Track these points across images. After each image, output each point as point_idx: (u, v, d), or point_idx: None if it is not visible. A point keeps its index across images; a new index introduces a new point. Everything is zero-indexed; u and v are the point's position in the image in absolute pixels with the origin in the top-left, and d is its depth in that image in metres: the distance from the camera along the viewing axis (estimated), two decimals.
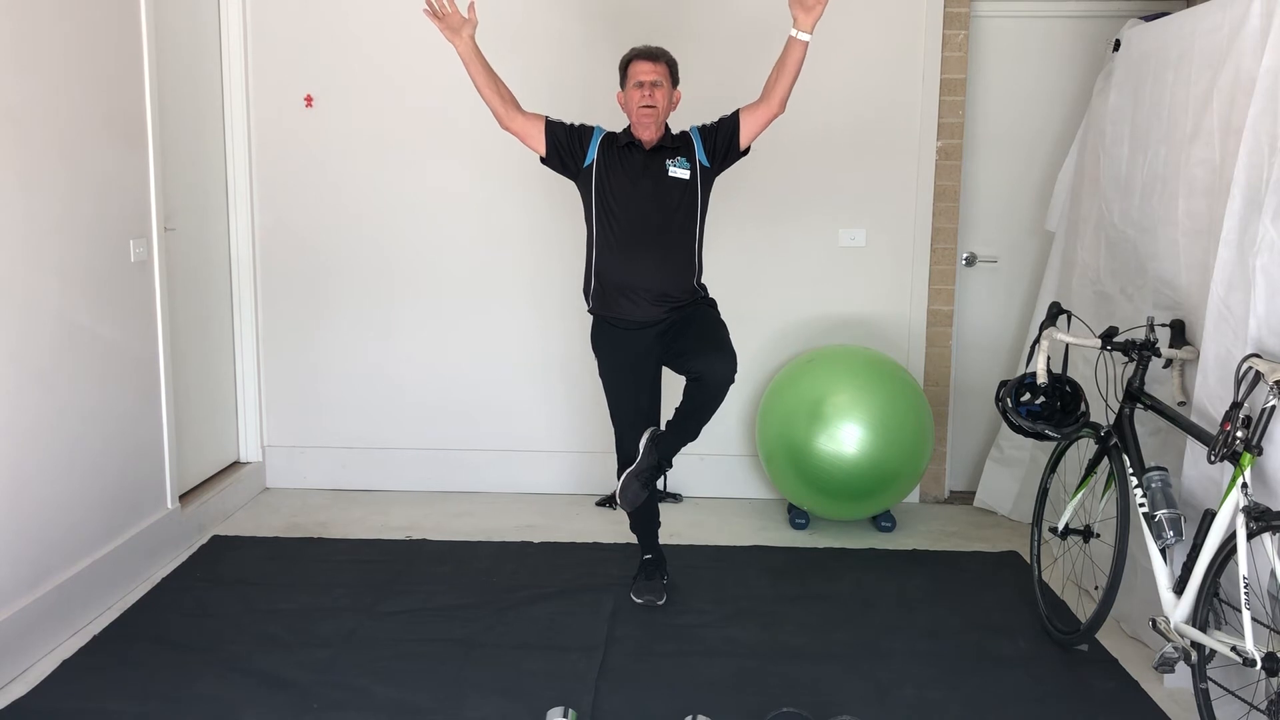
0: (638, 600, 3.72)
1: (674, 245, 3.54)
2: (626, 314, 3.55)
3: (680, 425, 3.50)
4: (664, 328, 3.56)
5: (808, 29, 3.44)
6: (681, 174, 3.53)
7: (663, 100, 3.50)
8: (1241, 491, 2.69)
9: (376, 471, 5.02)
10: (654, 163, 3.53)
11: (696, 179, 3.56)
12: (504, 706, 3.01)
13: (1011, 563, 4.18)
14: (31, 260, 3.30)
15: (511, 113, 3.57)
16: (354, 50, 4.76)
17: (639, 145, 3.54)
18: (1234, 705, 2.79)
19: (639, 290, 3.52)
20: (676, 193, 3.53)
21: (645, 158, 3.54)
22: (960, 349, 4.99)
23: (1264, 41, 2.93)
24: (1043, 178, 4.82)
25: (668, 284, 3.53)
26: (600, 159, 3.55)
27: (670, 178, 3.52)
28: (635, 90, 3.49)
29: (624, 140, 3.57)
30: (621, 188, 3.52)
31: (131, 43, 3.84)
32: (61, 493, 3.46)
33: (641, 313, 3.53)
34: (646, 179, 3.52)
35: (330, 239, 4.89)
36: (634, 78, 3.51)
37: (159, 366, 4.04)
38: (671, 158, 3.54)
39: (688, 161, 3.55)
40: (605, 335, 3.63)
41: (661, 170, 3.52)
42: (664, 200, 3.52)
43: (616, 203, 3.53)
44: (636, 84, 3.49)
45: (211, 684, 3.12)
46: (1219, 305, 3.03)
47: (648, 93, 3.47)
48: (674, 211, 3.53)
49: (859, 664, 3.30)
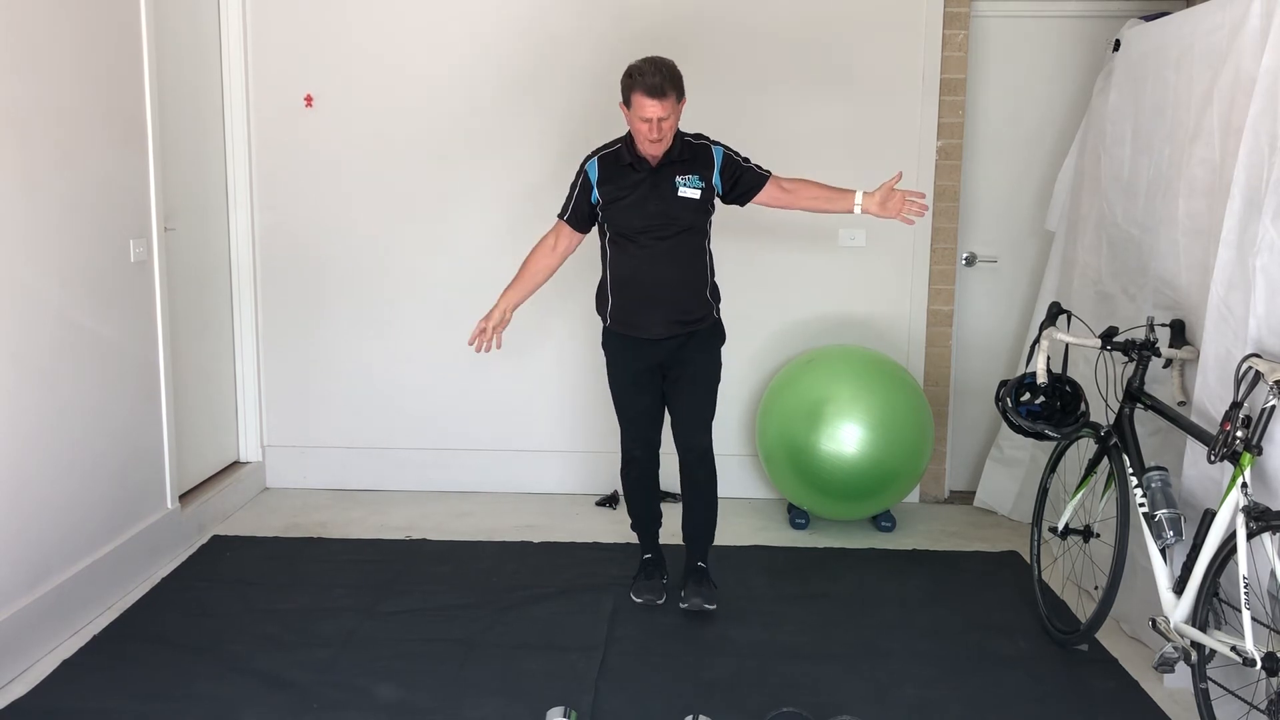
0: (637, 600, 3.72)
1: (684, 261, 3.52)
2: (643, 330, 3.55)
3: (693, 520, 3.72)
4: (676, 345, 3.56)
5: (864, 211, 3.53)
6: (692, 194, 3.46)
7: (670, 130, 3.41)
8: (1241, 491, 2.69)
9: (376, 471, 5.02)
10: (662, 180, 3.46)
11: (709, 198, 3.51)
12: (504, 706, 3.01)
13: (1011, 563, 4.18)
14: (31, 260, 3.30)
15: (560, 255, 3.61)
16: (354, 50, 4.76)
17: (645, 163, 3.47)
18: (1234, 705, 2.79)
19: (654, 307, 3.51)
20: (688, 213, 3.48)
21: (652, 176, 3.46)
22: (960, 349, 4.99)
23: (1264, 41, 2.93)
24: (1043, 178, 4.82)
25: (681, 299, 3.53)
26: (603, 189, 3.49)
27: (680, 197, 3.46)
28: (642, 124, 3.37)
29: (628, 158, 3.48)
30: (628, 208, 3.47)
31: (131, 43, 3.84)
32: (61, 492, 3.46)
33: (657, 329, 3.53)
34: (654, 199, 3.46)
35: (330, 239, 4.89)
36: (639, 112, 3.37)
37: (159, 366, 4.04)
38: (683, 173, 3.47)
39: (701, 180, 3.48)
40: (617, 342, 3.63)
41: (670, 189, 3.45)
42: (674, 219, 3.47)
43: (625, 223, 3.48)
44: (644, 119, 3.36)
45: (211, 684, 3.12)
46: (1219, 305, 3.03)
47: (655, 129, 3.37)
48: (685, 229, 3.49)
49: (859, 664, 3.30)
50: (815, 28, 4.69)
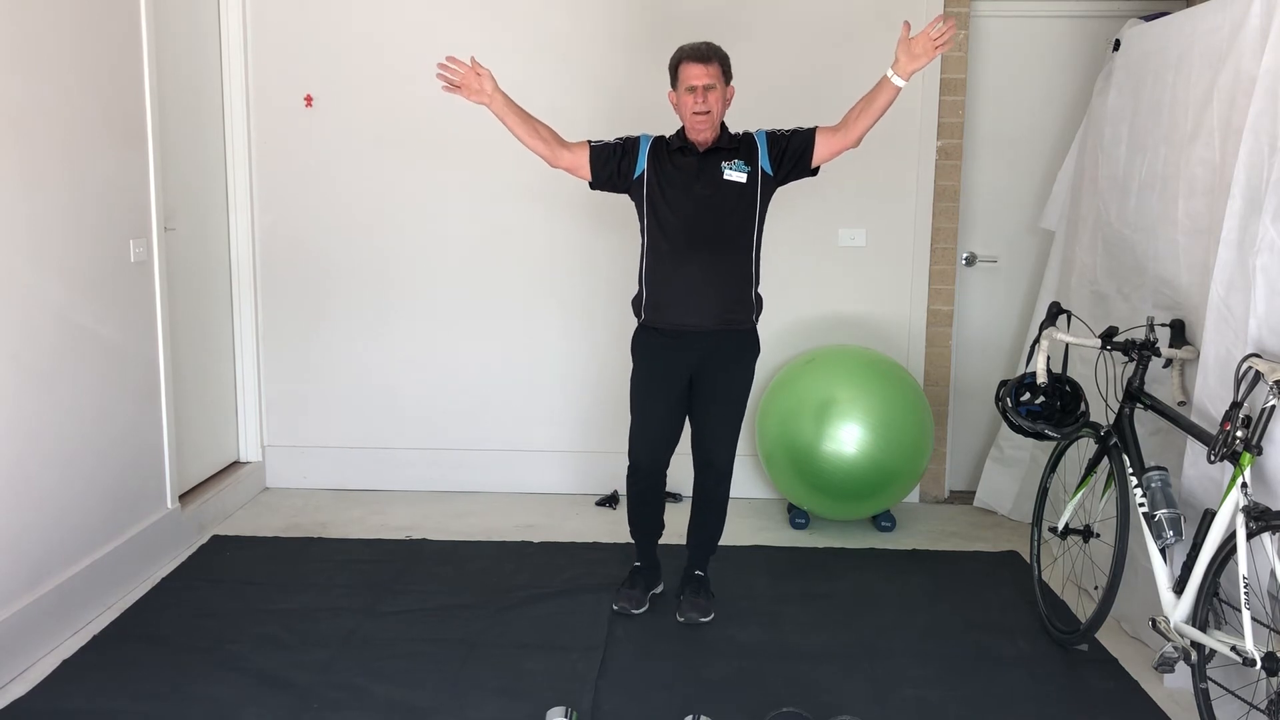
0: (614, 606, 3.64)
1: (728, 251, 3.42)
2: (677, 320, 3.44)
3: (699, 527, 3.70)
4: (709, 348, 3.46)
5: (905, 76, 3.27)
6: (738, 177, 3.40)
7: (716, 103, 3.37)
8: (1241, 491, 2.69)
9: (376, 471, 5.02)
10: (709, 165, 3.41)
11: (756, 184, 3.42)
12: (504, 706, 3.01)
13: (1011, 563, 4.18)
14: (32, 260, 3.30)
15: (557, 151, 3.48)
16: (354, 50, 4.76)
17: (693, 148, 3.42)
18: (1234, 705, 2.80)
19: (691, 297, 3.41)
20: (732, 197, 3.40)
21: (700, 161, 3.41)
22: (960, 349, 4.99)
23: (1264, 41, 2.93)
24: (1043, 178, 4.82)
25: (721, 291, 3.43)
26: (651, 167, 3.44)
27: (726, 181, 3.39)
28: (688, 95, 3.35)
29: (676, 144, 3.45)
30: (674, 194, 3.41)
31: (131, 43, 3.84)
32: (61, 492, 3.46)
33: (694, 318, 3.42)
34: (700, 184, 3.40)
35: (330, 239, 4.89)
36: (685, 81, 3.36)
37: (159, 366, 4.04)
38: (728, 160, 3.41)
39: (746, 165, 3.42)
40: (648, 341, 3.53)
41: (716, 173, 3.39)
42: (719, 205, 3.39)
43: (670, 209, 3.41)
44: (689, 89, 3.35)
45: (211, 684, 3.12)
46: (1219, 305, 3.03)
47: (701, 97, 3.33)
48: (729, 215, 3.40)
49: (859, 664, 3.30)
50: (815, 28, 4.69)
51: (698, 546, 3.73)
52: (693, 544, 3.74)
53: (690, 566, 3.72)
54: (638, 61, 4.60)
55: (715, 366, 3.49)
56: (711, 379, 3.49)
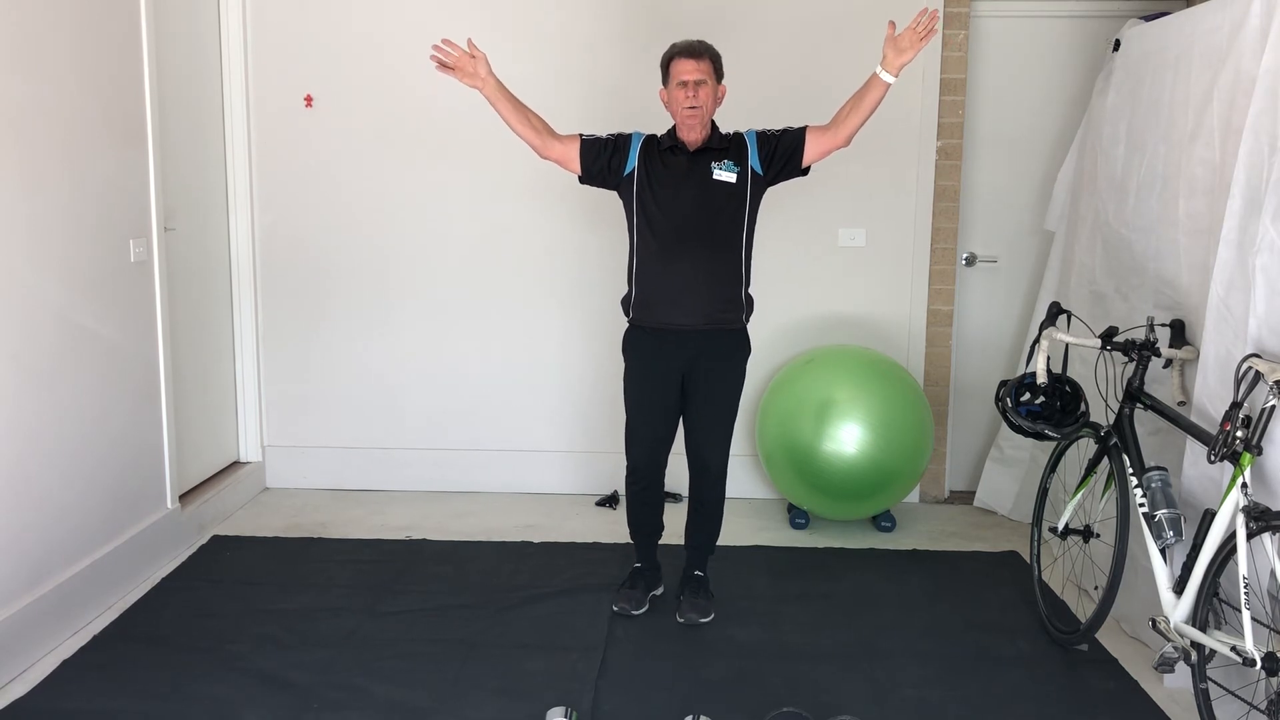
0: (614, 608, 3.64)
1: (718, 251, 3.41)
2: (666, 319, 3.44)
3: (697, 528, 3.69)
4: (698, 347, 3.45)
5: (894, 72, 3.29)
6: (728, 177, 3.40)
7: (708, 99, 3.37)
8: (1241, 491, 2.69)
9: (376, 471, 5.02)
10: (699, 165, 3.41)
11: (745, 184, 3.42)
12: (504, 706, 3.01)
13: (1011, 563, 4.18)
14: (32, 260, 3.30)
15: (548, 141, 3.47)
16: (354, 50, 4.76)
17: (683, 147, 3.42)
18: (1234, 705, 2.80)
19: (680, 296, 3.40)
20: (722, 197, 3.40)
21: (689, 160, 3.42)
22: (960, 349, 4.99)
23: (1264, 41, 2.93)
24: (1043, 178, 4.83)
25: (711, 291, 3.42)
26: (641, 165, 3.43)
27: (715, 181, 3.39)
28: (679, 90, 3.36)
29: (667, 143, 3.45)
30: (663, 193, 3.41)
31: (131, 43, 3.84)
32: (61, 492, 3.46)
33: (683, 317, 3.41)
34: (690, 183, 3.40)
35: (330, 239, 4.89)
36: (676, 76, 3.37)
37: (159, 366, 4.04)
38: (718, 160, 3.41)
39: (736, 165, 3.42)
40: (639, 342, 3.53)
41: (706, 173, 3.40)
42: (708, 204, 3.39)
43: (659, 208, 3.41)
44: (680, 84, 3.36)
45: (211, 684, 3.12)
46: (1219, 305, 3.03)
47: (692, 92, 3.33)
48: (718, 215, 3.40)
49: (859, 664, 3.30)
50: (815, 28, 4.69)
51: (696, 548, 3.72)
52: (691, 545, 3.73)
53: (689, 567, 3.72)
54: (638, 62, 4.60)
55: (705, 367, 3.49)
56: (702, 380, 3.49)
